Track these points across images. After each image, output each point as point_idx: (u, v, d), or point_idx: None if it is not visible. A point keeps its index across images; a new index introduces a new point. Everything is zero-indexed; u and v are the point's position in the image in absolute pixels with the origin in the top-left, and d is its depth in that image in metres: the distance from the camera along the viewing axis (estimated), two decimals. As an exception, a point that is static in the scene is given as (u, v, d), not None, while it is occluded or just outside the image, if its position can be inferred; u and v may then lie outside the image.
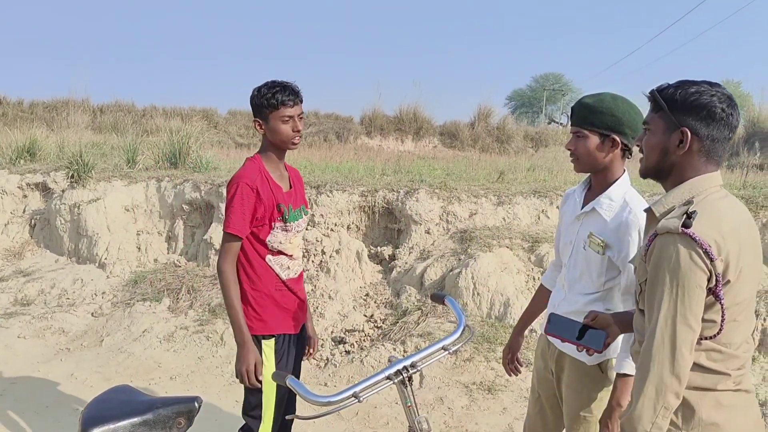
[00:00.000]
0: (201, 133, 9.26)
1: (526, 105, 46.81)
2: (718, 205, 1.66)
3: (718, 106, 1.66)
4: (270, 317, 2.66)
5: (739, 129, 12.40)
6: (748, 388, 1.70)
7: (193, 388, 4.73)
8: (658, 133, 1.74)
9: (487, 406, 4.35)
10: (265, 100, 2.56)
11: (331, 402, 1.82)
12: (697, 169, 1.71)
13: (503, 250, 5.64)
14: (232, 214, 2.53)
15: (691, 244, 1.55)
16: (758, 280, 1.73)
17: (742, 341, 1.67)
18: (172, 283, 6.17)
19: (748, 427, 1.69)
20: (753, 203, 5.37)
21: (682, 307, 1.56)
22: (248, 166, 2.64)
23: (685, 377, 1.57)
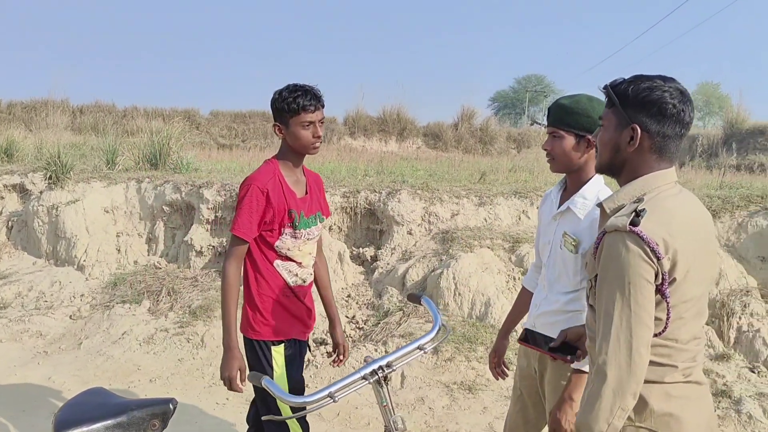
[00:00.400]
0: (182, 134, 9.19)
1: (509, 106, 47.10)
2: (670, 202, 1.64)
3: (669, 102, 1.63)
4: (277, 322, 2.62)
5: (717, 130, 12.62)
6: (700, 380, 1.69)
7: (173, 390, 4.69)
8: (610, 129, 1.72)
9: (468, 405, 4.36)
10: (285, 104, 2.50)
11: (307, 402, 1.82)
12: (649, 166, 1.69)
13: (484, 251, 5.67)
14: (240, 216, 2.50)
15: (639, 242, 1.53)
16: (711, 277, 1.73)
17: (691, 337, 1.66)
18: (152, 285, 6.12)
19: (703, 418, 1.69)
20: (729, 203, 5.44)
21: (636, 306, 1.54)
22: (263, 169, 2.60)
23: (642, 376, 1.56)
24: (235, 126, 19.43)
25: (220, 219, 6.68)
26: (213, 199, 6.63)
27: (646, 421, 1.63)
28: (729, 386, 4.28)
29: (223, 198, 6.63)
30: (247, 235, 2.51)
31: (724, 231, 5.30)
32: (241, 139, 18.88)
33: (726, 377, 4.38)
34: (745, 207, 5.38)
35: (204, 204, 6.62)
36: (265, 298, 2.60)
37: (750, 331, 4.66)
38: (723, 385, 4.30)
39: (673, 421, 1.63)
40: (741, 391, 4.24)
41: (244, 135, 19.22)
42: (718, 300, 4.86)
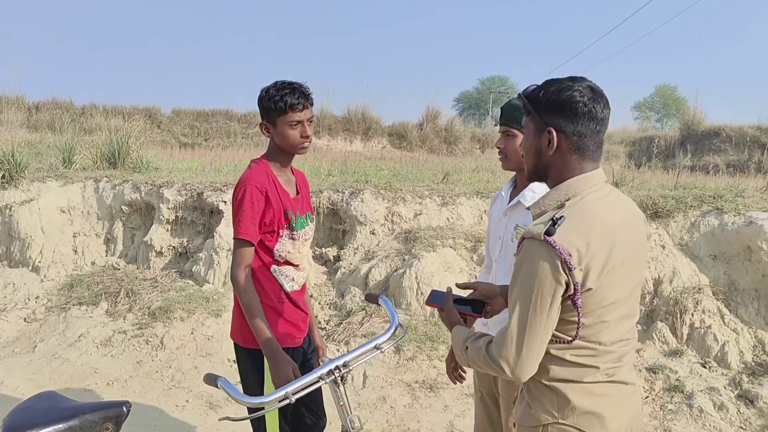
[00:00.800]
0: (142, 133, 9.02)
1: (473, 107, 47.57)
2: (591, 208, 1.64)
3: (579, 101, 1.64)
4: (273, 331, 2.49)
5: (674, 132, 12.88)
6: (625, 380, 1.72)
7: (132, 393, 4.62)
8: (530, 136, 1.74)
9: (429, 404, 4.39)
10: (272, 102, 2.40)
11: (263, 403, 1.82)
12: (572, 168, 1.69)
13: (447, 250, 5.71)
14: (243, 219, 2.37)
15: (551, 252, 1.54)
16: (638, 279, 1.74)
17: (617, 339, 1.68)
18: (111, 286, 6.00)
19: (626, 417, 1.71)
20: (683, 203, 5.58)
21: (534, 314, 1.56)
22: (255, 168, 2.49)
23: (525, 379, 1.62)
24: (198, 125, 19.18)
25: (180, 219, 6.59)
26: (173, 198, 6.54)
27: (569, 419, 1.66)
28: (681, 381, 4.40)
29: (184, 198, 6.54)
30: (253, 238, 2.40)
31: (678, 230, 5.44)
32: (203, 138, 18.65)
33: (679, 373, 4.50)
34: (698, 207, 5.54)
35: (164, 204, 6.53)
36: (261, 306, 2.48)
37: (702, 328, 4.80)
38: (676, 381, 4.43)
39: (596, 418, 1.65)
40: (693, 385, 4.37)
41: (206, 134, 18.99)
42: (671, 297, 4.99)
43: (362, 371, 4.69)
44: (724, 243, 5.17)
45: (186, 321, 5.42)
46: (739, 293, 5.03)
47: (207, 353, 5.15)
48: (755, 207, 5.35)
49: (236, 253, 2.42)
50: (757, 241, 4.90)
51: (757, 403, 4.17)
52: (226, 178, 7.14)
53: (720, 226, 5.23)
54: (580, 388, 1.66)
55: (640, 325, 5.10)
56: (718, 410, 4.18)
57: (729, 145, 16.89)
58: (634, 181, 7.35)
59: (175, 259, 6.52)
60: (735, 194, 5.84)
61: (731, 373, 4.52)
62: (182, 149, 14.80)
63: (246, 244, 2.40)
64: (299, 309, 2.64)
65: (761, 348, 4.68)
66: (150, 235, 6.49)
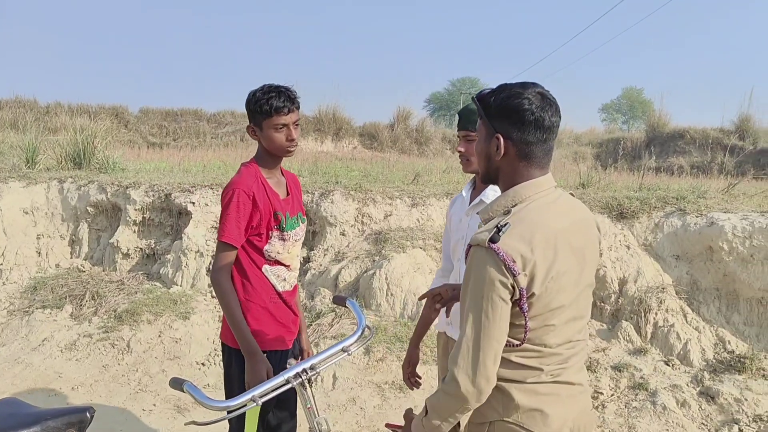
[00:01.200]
0: (108, 132, 8.88)
1: (444, 108, 47.84)
2: (538, 212, 1.67)
3: (527, 109, 1.65)
4: (265, 332, 2.52)
5: (640, 133, 13.06)
6: (572, 380, 1.75)
7: (97, 398, 4.55)
8: (481, 140, 1.76)
9: (399, 404, 4.41)
10: (258, 106, 2.42)
11: (230, 407, 1.81)
12: (519, 174, 1.71)
13: (417, 251, 5.74)
14: (227, 222, 2.41)
15: (496, 259, 1.56)
16: (586, 282, 1.77)
17: (563, 341, 1.71)
18: (75, 289, 5.90)
19: (571, 415, 1.74)
20: (647, 204, 5.70)
21: (486, 320, 1.58)
22: (244, 172, 2.51)
23: (488, 386, 1.61)
24: (166, 124, 18.94)
25: (148, 220, 6.51)
26: (141, 200, 6.45)
27: (513, 416, 1.69)
28: (645, 379, 4.49)
29: (152, 199, 6.46)
30: (235, 241, 2.42)
31: (642, 231, 5.55)
32: (172, 137, 18.42)
33: (643, 371, 4.59)
34: (662, 208, 5.65)
35: (131, 205, 6.43)
36: (253, 306, 2.52)
37: (665, 326, 4.90)
38: (640, 379, 4.51)
39: (540, 415, 1.69)
40: (656, 383, 4.46)
41: (175, 133, 18.76)
42: (636, 297, 5.08)
43: (332, 373, 4.69)
44: (686, 243, 5.29)
45: (153, 324, 5.35)
46: (701, 292, 5.15)
47: (175, 356, 5.10)
48: (716, 208, 5.48)
49: (218, 256, 2.45)
50: (718, 242, 5.02)
51: (718, 400, 4.28)
52: (195, 178, 7.07)
53: (683, 227, 5.35)
54: (523, 387, 1.69)
55: (605, 325, 5.19)
56: (681, 407, 4.27)
57: (693, 146, 17.27)
58: (600, 183, 7.46)
59: (143, 261, 6.43)
60: (697, 195, 5.98)
61: (693, 370, 4.63)
62: (150, 149, 14.59)
63: (228, 247, 2.43)
64: (290, 310, 2.66)
65: (722, 346, 4.79)
66: (116, 236, 6.39)
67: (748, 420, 4.10)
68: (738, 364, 4.54)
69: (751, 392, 4.27)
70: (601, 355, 4.81)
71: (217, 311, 5.60)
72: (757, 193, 7.00)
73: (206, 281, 5.93)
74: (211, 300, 5.78)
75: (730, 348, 4.76)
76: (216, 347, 5.22)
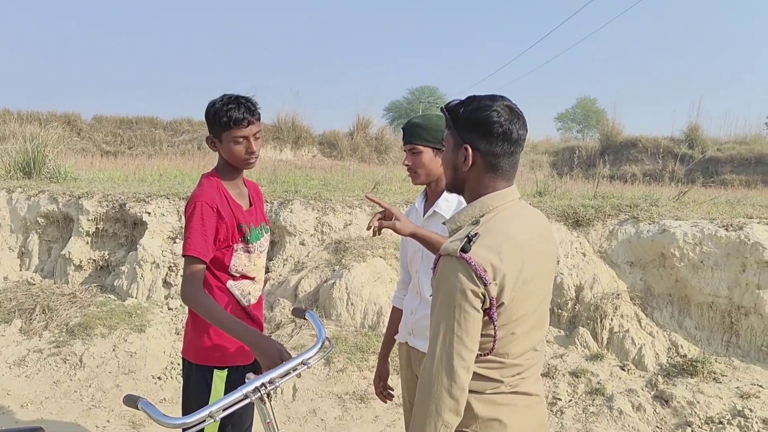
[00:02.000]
0: (60, 140, 8.65)
1: (403, 116, 48.04)
2: (506, 223, 1.69)
3: (495, 122, 1.67)
4: (227, 348, 2.43)
5: (595, 142, 13.36)
6: (530, 391, 1.77)
7: (48, 415, 4.40)
8: (449, 150, 1.78)
9: (360, 415, 4.38)
10: (217, 118, 2.34)
11: (186, 423, 1.76)
12: (485, 185, 1.73)
13: (377, 260, 5.74)
14: (192, 235, 2.30)
15: (467, 268, 1.58)
16: (546, 292, 1.80)
17: (524, 350, 1.73)
18: (25, 302, 5.70)
19: (530, 426, 1.77)
20: (601, 212, 5.82)
21: (459, 329, 1.59)
22: (206, 184, 2.42)
23: (463, 396, 1.60)
24: (121, 132, 18.56)
25: (101, 231, 6.34)
26: (94, 210, 6.28)
27: (472, 426, 1.70)
28: (602, 384, 4.57)
29: (105, 209, 6.30)
30: (203, 255, 2.31)
31: (597, 238, 5.67)
32: (127, 146, 18.07)
33: (599, 376, 4.68)
34: (616, 216, 5.78)
35: (84, 215, 6.26)
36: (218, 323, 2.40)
37: (620, 332, 5.00)
38: (597, 384, 4.59)
39: (498, 425, 1.70)
40: (613, 388, 4.54)
41: (130, 141, 18.40)
42: (592, 303, 5.18)
43: (292, 384, 4.63)
44: (639, 250, 5.42)
45: (107, 337, 5.21)
46: (654, 298, 5.27)
47: (130, 370, 4.97)
48: (668, 215, 5.63)
49: (186, 271, 2.33)
50: (670, 248, 5.16)
51: (671, 403, 4.38)
52: (151, 188, 6.93)
53: (636, 234, 5.48)
54: (482, 398, 1.70)
55: (563, 331, 5.27)
56: (636, 411, 4.36)
57: (645, 155, 17.77)
58: (556, 191, 7.60)
59: (96, 272, 6.27)
60: (650, 203, 6.14)
61: (648, 374, 4.73)
62: (104, 158, 14.28)
63: (195, 261, 2.32)
64: (255, 324, 2.58)
65: (675, 350, 4.92)
66: (68, 248, 6.21)
67: (700, 422, 4.21)
68: (690, 368, 4.66)
69: (703, 395, 4.38)
70: (559, 361, 4.88)
71: (173, 323, 5.49)
72: (706, 200, 7.22)
73: (162, 293, 5.81)
74: (167, 312, 5.66)
75: (682, 352, 4.88)
76: (173, 360, 5.11)
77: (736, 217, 5.47)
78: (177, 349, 5.20)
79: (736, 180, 15.30)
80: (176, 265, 5.88)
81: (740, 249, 4.95)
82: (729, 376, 4.61)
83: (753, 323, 4.85)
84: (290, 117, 18.68)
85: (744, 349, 4.90)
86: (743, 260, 4.94)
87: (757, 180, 15.18)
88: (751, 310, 4.85)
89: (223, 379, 2.46)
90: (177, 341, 5.28)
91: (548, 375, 4.71)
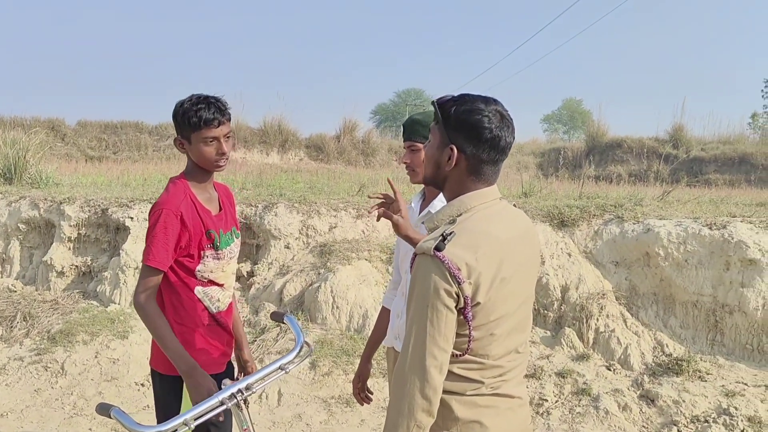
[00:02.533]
0: (41, 146, 8.54)
1: (390, 119, 48.10)
2: (484, 222, 1.67)
3: (486, 128, 1.64)
4: (198, 356, 2.35)
5: (580, 143, 13.43)
6: (512, 393, 1.75)
7: (28, 424, 4.33)
8: (434, 145, 1.75)
9: (346, 419, 4.35)
10: (186, 118, 2.28)
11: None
12: (466, 186, 1.71)
13: (362, 263, 5.71)
14: (153, 245, 2.26)
15: (441, 267, 1.56)
16: (527, 293, 1.78)
17: (505, 352, 1.71)
18: (6, 309, 5.62)
19: (513, 428, 1.75)
20: (586, 212, 5.83)
21: (432, 328, 1.57)
22: (172, 190, 2.36)
23: (436, 396, 1.58)
24: (105, 137, 18.39)
25: (84, 237, 6.27)
26: (76, 215, 6.21)
27: (452, 429, 1.67)
28: (588, 384, 4.57)
29: (87, 214, 6.23)
30: (161, 265, 2.27)
31: (582, 238, 5.67)
32: (112, 151, 17.90)
33: (586, 376, 4.67)
34: (600, 216, 5.79)
35: (65, 221, 6.19)
36: (185, 330, 2.37)
37: (606, 332, 5.00)
38: (583, 384, 4.58)
39: (479, 427, 1.68)
40: (599, 388, 4.54)
41: (115, 146, 18.24)
42: (578, 303, 5.18)
43: (276, 389, 4.59)
44: (624, 250, 5.43)
45: (89, 344, 5.14)
46: (639, 297, 5.28)
47: (113, 377, 4.90)
48: (652, 215, 5.65)
49: (141, 279, 2.29)
50: (654, 248, 5.17)
51: (657, 402, 4.38)
52: (134, 193, 6.87)
53: (621, 234, 5.49)
54: (463, 399, 1.68)
55: (549, 332, 5.27)
56: (623, 411, 4.36)
57: (630, 155, 17.85)
58: (542, 192, 7.61)
59: (78, 279, 6.19)
60: (634, 203, 6.16)
61: (634, 374, 4.73)
62: (89, 163, 14.15)
63: (153, 271, 2.28)
64: (225, 331, 2.53)
65: (660, 349, 4.92)
66: (50, 254, 6.13)
67: (686, 421, 4.21)
68: (675, 367, 4.67)
69: (689, 394, 4.39)
70: (545, 362, 4.87)
71: (157, 329, 5.42)
72: (690, 199, 7.26)
73: (146, 298, 5.74)
74: (151, 318, 5.59)
75: (668, 351, 4.89)
76: (156, 367, 5.05)
77: (720, 216, 5.50)
78: (160, 355, 5.15)
79: (720, 179, 15.41)
80: (159, 270, 5.81)
81: (724, 247, 4.97)
82: (714, 374, 4.62)
83: (737, 321, 4.87)
84: (276, 120, 18.59)
85: (729, 348, 4.92)
86: (727, 259, 4.96)
87: (740, 179, 15.30)
88: (735, 308, 4.86)
89: None
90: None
91: (534, 376, 4.70)
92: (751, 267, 4.87)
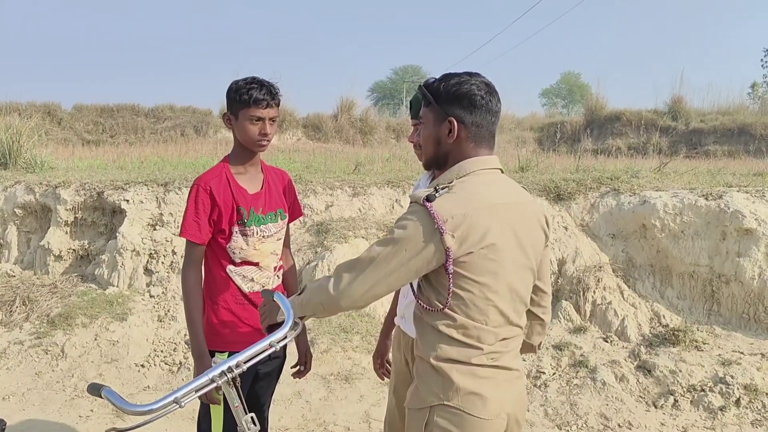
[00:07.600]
0: (35, 130, 8.48)
1: (388, 97, 47.81)
2: (481, 186, 1.75)
3: (477, 94, 1.77)
4: (228, 333, 2.46)
5: (579, 117, 13.41)
6: (510, 365, 1.80)
7: (30, 407, 4.37)
8: (429, 126, 1.84)
9: (345, 395, 4.38)
10: (238, 95, 2.40)
11: (152, 410, 1.73)
12: (467, 155, 1.81)
13: (359, 241, 5.71)
14: (185, 218, 2.41)
15: (427, 216, 1.66)
16: (524, 263, 1.80)
17: (504, 323, 1.76)
18: (5, 294, 5.63)
19: (509, 400, 1.79)
20: (583, 185, 5.82)
21: (386, 257, 1.69)
22: (212, 168, 2.51)
23: (346, 305, 1.75)
24: (102, 120, 18.29)
25: (80, 220, 6.26)
26: (71, 199, 6.20)
27: (453, 400, 1.72)
28: (585, 356, 4.59)
29: (83, 198, 6.21)
30: (195, 237, 2.40)
31: (579, 211, 5.67)
32: (109, 134, 17.82)
33: (583, 348, 4.70)
34: (597, 188, 5.78)
35: (62, 205, 6.18)
36: (216, 308, 2.47)
37: (603, 304, 5.02)
38: (580, 356, 4.61)
39: (478, 399, 1.72)
40: (596, 360, 4.57)
41: (112, 130, 18.15)
42: (575, 276, 5.19)
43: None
44: (621, 222, 5.43)
45: (89, 327, 5.16)
46: (636, 269, 5.29)
47: (112, 359, 4.93)
48: (648, 187, 5.64)
49: (185, 252, 2.45)
50: (650, 219, 5.16)
51: (654, 373, 4.41)
52: (129, 175, 6.84)
53: (617, 206, 5.48)
54: (464, 369, 1.72)
55: (546, 305, 5.28)
56: (620, 382, 4.39)
57: (629, 128, 17.74)
58: (538, 166, 7.59)
59: (76, 262, 6.20)
60: (630, 175, 6.14)
61: (631, 345, 4.76)
62: (86, 147, 14.10)
63: (189, 243, 2.43)
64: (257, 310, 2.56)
65: (657, 320, 4.94)
66: (47, 238, 6.13)
67: (682, 390, 4.24)
68: (672, 338, 4.69)
69: (685, 364, 4.42)
70: (543, 335, 4.89)
71: (155, 311, 5.44)
72: (687, 171, 7.24)
73: (144, 280, 5.75)
74: (149, 300, 5.61)
75: (664, 322, 4.91)
76: (156, 348, 5.08)
77: (716, 186, 5.48)
78: (160, 337, 5.17)
79: (720, 150, 15.33)
80: (157, 252, 5.82)
81: (720, 218, 4.96)
82: (711, 344, 4.64)
83: (734, 291, 4.88)
84: (274, 100, 18.47)
85: (725, 317, 4.94)
86: (723, 229, 4.96)
87: (739, 150, 15.23)
88: (732, 278, 4.87)
89: None
90: (159, 328, 5.25)
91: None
92: (747, 237, 4.86)
